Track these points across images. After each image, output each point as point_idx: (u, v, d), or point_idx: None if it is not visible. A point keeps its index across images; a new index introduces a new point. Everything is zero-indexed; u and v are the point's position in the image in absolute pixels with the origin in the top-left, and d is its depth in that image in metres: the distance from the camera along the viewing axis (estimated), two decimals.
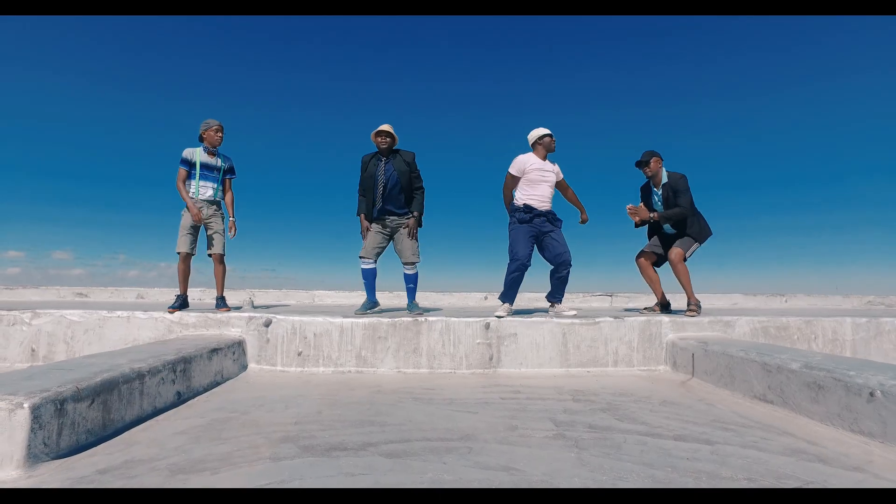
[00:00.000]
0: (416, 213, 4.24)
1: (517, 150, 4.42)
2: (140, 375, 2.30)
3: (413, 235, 4.23)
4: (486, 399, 2.93)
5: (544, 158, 4.30)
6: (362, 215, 4.32)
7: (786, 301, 5.63)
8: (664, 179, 4.26)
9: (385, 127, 4.18)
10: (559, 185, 4.41)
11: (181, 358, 2.75)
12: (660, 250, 4.42)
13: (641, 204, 4.32)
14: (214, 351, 3.23)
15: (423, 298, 5.64)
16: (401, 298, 5.57)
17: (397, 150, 4.25)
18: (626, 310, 5.26)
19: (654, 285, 4.44)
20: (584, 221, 4.44)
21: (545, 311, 4.72)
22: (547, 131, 4.29)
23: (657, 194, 4.33)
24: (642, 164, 4.31)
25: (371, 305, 4.20)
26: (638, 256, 4.48)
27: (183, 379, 2.73)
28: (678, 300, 4.63)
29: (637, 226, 4.45)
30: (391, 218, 4.24)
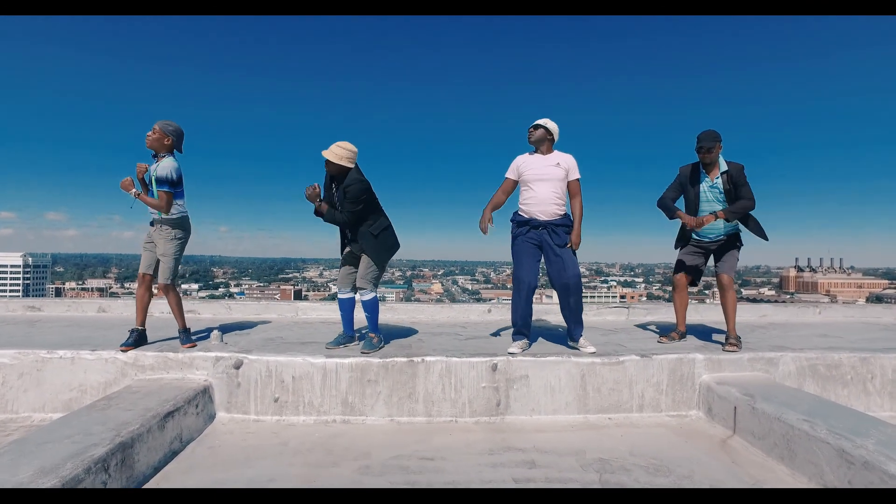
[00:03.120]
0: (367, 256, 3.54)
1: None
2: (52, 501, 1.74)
3: (374, 262, 3.55)
4: (495, 481, 2.41)
5: (547, 152, 3.60)
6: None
7: (819, 313, 5.11)
8: (722, 168, 3.57)
9: (326, 152, 3.43)
10: (571, 186, 3.58)
11: (119, 445, 2.20)
12: (699, 261, 3.80)
13: (705, 217, 3.53)
14: (170, 415, 2.68)
15: (418, 310, 5.10)
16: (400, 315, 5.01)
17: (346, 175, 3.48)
18: (643, 325, 4.74)
19: (683, 311, 3.88)
20: (575, 244, 3.53)
21: (556, 333, 4.19)
22: (536, 122, 3.57)
23: (709, 183, 3.61)
24: (703, 149, 3.51)
25: (347, 339, 3.63)
26: (678, 270, 3.84)
27: (121, 472, 2.18)
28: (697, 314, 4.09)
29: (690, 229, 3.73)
30: (353, 245, 3.67)
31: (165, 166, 3.36)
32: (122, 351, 3.29)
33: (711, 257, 3.77)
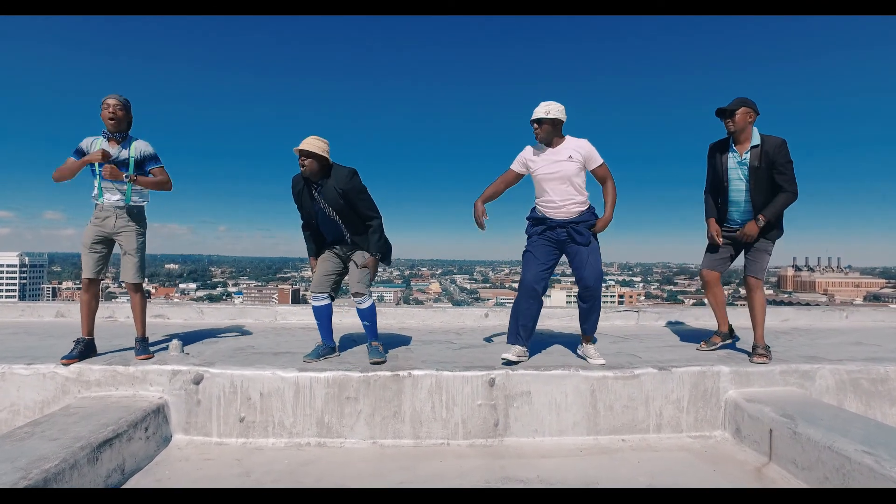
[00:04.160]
0: (371, 256, 3.19)
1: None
2: None
3: (370, 269, 3.20)
4: None
5: (557, 144, 3.14)
6: (311, 257, 3.35)
7: (846, 317, 4.72)
8: (755, 141, 3.05)
9: (305, 145, 2.98)
10: (595, 174, 3.18)
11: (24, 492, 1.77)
12: (728, 252, 3.32)
13: (747, 227, 3.11)
14: (108, 443, 2.26)
15: (409, 315, 4.68)
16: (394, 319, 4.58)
17: (329, 172, 3.08)
18: (655, 331, 4.33)
19: (721, 309, 3.43)
20: (598, 228, 3.16)
21: (561, 342, 3.77)
22: (536, 114, 3.07)
23: (737, 158, 3.11)
24: (726, 113, 3.05)
25: (328, 351, 3.22)
26: (706, 263, 3.37)
27: None
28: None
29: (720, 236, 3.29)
30: (340, 248, 3.28)
31: (147, 145, 3.15)
32: (63, 364, 2.87)
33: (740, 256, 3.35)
